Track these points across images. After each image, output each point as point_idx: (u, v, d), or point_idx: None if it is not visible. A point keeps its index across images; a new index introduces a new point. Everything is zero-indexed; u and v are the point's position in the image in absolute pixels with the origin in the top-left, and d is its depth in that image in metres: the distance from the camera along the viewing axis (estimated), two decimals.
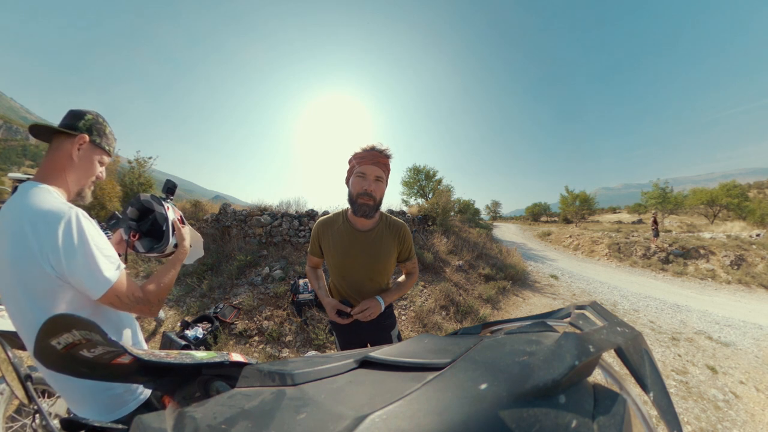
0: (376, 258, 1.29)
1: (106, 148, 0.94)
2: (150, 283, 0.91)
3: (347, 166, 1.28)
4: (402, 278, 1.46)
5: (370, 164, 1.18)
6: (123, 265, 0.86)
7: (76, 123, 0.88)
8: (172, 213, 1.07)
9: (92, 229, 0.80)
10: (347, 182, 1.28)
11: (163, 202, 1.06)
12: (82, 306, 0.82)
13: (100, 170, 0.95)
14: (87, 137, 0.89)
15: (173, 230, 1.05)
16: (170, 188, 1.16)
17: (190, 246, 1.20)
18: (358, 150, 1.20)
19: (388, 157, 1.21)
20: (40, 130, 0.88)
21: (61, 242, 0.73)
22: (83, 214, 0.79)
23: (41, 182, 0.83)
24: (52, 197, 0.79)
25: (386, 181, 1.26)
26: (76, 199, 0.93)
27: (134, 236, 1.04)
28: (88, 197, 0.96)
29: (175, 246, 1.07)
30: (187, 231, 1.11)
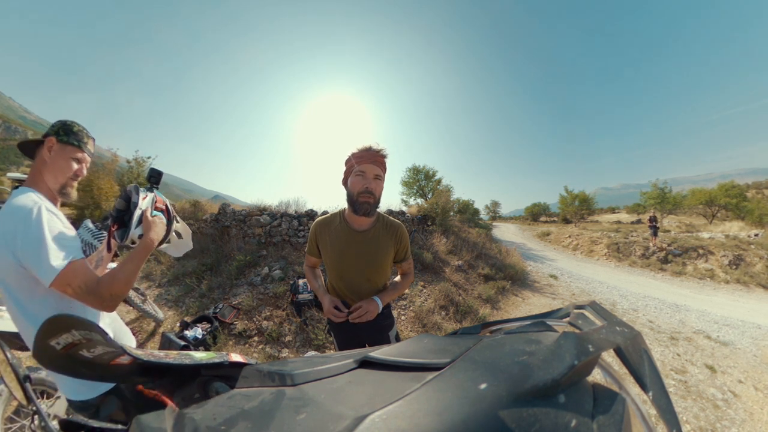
0: (373, 258, 1.30)
1: (75, 143, 0.99)
2: (106, 275, 0.90)
3: (344, 168, 1.29)
4: (398, 278, 1.47)
5: (369, 163, 1.19)
6: (81, 256, 0.88)
7: (48, 132, 0.98)
8: (148, 201, 1.06)
9: (52, 219, 0.85)
10: (344, 183, 1.29)
11: (140, 192, 1.05)
12: (44, 295, 0.86)
13: (77, 167, 1.01)
14: (54, 139, 0.97)
15: (140, 220, 1.03)
16: (152, 176, 1.13)
17: (175, 236, 1.22)
18: (355, 150, 1.21)
19: (384, 156, 1.23)
20: (26, 147, 0.98)
21: (20, 231, 0.80)
22: (46, 208, 0.86)
23: (25, 186, 0.92)
24: (25, 197, 0.86)
25: (383, 180, 1.27)
26: (61, 198, 0.99)
27: (113, 227, 1.05)
28: (73, 194, 1.02)
29: (140, 237, 1.03)
30: (157, 221, 1.07)
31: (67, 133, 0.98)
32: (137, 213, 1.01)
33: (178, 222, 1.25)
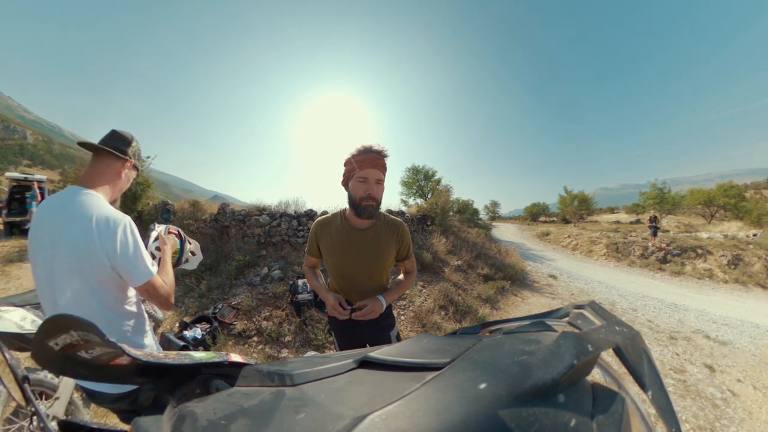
0: (375, 256, 1.30)
1: (139, 168, 1.23)
2: (163, 282, 1.09)
3: (343, 168, 1.28)
4: (401, 277, 1.47)
5: (370, 168, 1.19)
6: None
7: (126, 149, 1.11)
8: (161, 228, 1.41)
9: (138, 234, 1.03)
10: (344, 184, 1.29)
11: (156, 225, 1.42)
12: (125, 288, 1.04)
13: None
14: (133, 162, 1.15)
15: (156, 237, 1.34)
16: (164, 213, 1.77)
17: (190, 255, 1.53)
18: (356, 152, 1.20)
19: (385, 157, 1.22)
20: (93, 147, 1.07)
21: (119, 241, 0.96)
22: (132, 222, 1.03)
23: (91, 189, 1.02)
24: (107, 205, 1.02)
25: (384, 181, 1.27)
26: (113, 205, 1.13)
27: None
28: (119, 202, 1.20)
29: (158, 249, 1.31)
30: (170, 237, 1.39)
31: (138, 158, 1.18)
32: (153, 234, 1.34)
33: (190, 243, 1.53)
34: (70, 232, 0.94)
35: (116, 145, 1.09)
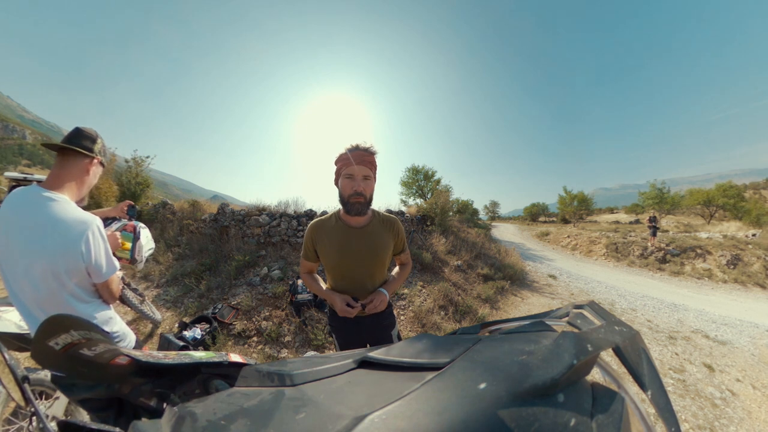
0: (375, 253, 1.31)
1: (105, 164, 1.22)
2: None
3: (335, 168, 1.30)
4: (396, 270, 1.50)
5: (356, 164, 1.20)
6: None
7: (92, 146, 1.12)
8: (117, 225, 1.54)
9: (105, 234, 1.10)
10: (336, 183, 1.30)
11: (116, 222, 1.56)
12: (90, 283, 1.10)
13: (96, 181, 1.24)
14: (100, 159, 1.16)
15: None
16: (130, 209, 1.67)
17: (145, 251, 1.63)
18: (343, 151, 1.22)
19: (372, 154, 1.23)
20: (58, 147, 1.07)
21: (92, 244, 1.04)
22: (100, 223, 1.08)
23: (57, 191, 1.04)
24: (74, 207, 1.06)
25: (374, 178, 1.28)
26: (81, 203, 1.15)
27: None
28: (86, 200, 1.24)
29: None
30: (115, 235, 1.47)
31: (104, 155, 1.20)
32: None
33: (140, 239, 1.61)
34: (42, 237, 0.97)
35: (82, 143, 1.09)
